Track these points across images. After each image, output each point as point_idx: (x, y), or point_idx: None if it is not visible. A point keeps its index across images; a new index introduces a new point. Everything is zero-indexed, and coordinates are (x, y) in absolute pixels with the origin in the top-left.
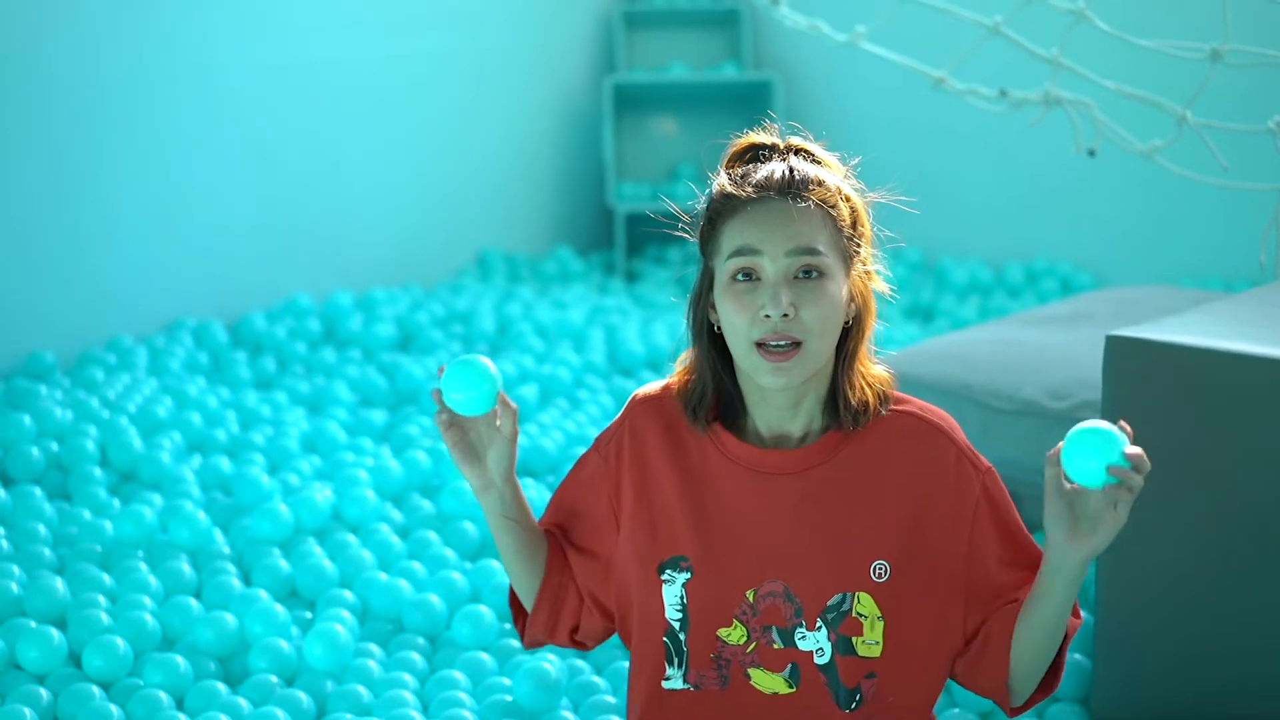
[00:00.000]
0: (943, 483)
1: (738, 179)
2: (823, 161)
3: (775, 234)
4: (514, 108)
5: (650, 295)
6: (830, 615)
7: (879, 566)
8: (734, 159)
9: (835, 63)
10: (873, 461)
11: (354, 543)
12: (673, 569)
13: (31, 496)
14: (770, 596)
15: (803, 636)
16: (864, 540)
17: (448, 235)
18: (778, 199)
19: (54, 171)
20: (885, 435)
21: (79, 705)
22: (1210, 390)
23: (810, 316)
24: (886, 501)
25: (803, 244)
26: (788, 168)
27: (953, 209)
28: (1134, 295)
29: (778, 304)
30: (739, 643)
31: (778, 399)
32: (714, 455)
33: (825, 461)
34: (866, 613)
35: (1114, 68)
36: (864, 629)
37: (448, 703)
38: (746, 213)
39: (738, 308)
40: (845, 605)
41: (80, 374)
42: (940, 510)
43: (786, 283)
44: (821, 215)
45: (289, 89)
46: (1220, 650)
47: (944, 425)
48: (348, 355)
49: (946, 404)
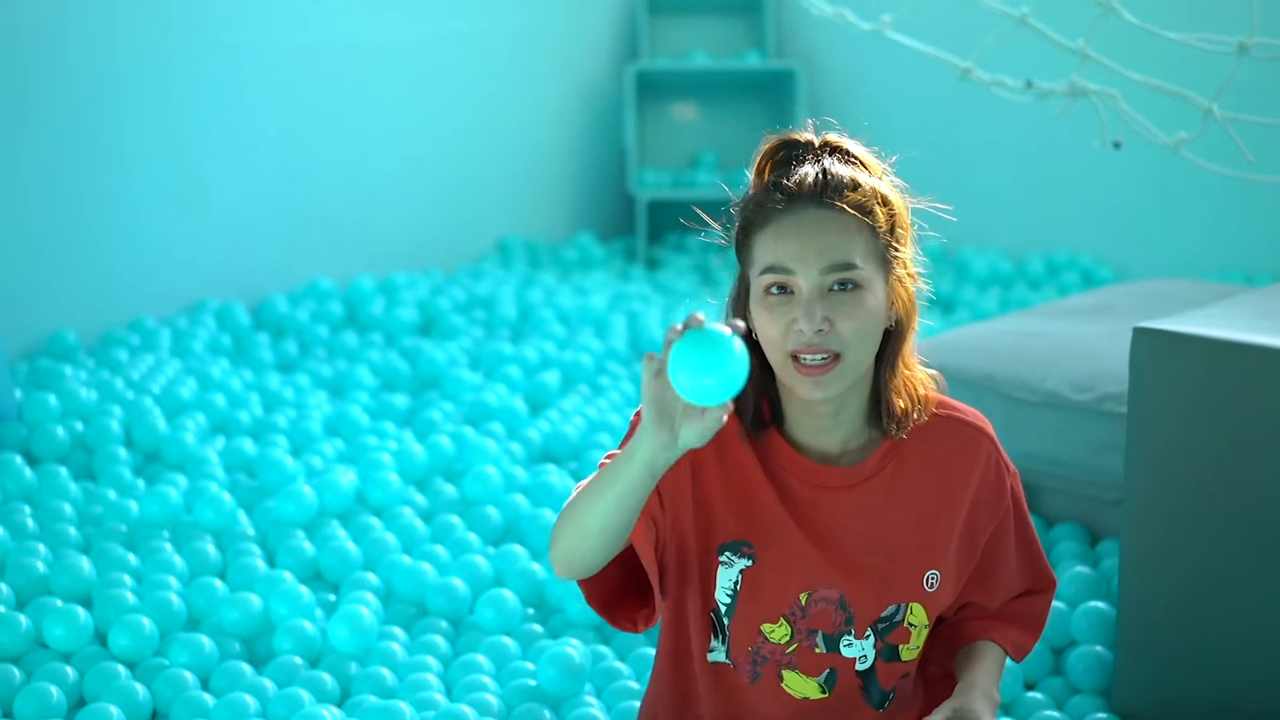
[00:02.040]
0: (986, 484)
1: (769, 186)
2: (860, 160)
3: (807, 250)
4: (537, 94)
5: (671, 282)
6: (882, 626)
7: (931, 576)
8: (767, 157)
9: (859, 52)
10: (924, 469)
11: (377, 526)
12: (733, 552)
13: (57, 476)
14: (823, 602)
15: (849, 644)
16: (918, 551)
17: (469, 220)
18: (810, 208)
19: (77, 152)
20: (932, 442)
21: (105, 684)
22: (1237, 383)
23: (847, 329)
24: (938, 509)
25: (837, 259)
26: (821, 170)
27: (975, 199)
28: (1157, 288)
29: (811, 320)
30: (780, 641)
31: (819, 409)
32: (778, 457)
33: (880, 472)
34: (916, 622)
35: (1140, 60)
36: (912, 637)
37: (471, 686)
38: (779, 224)
39: (771, 319)
40: (899, 616)
41: (104, 354)
42: (982, 510)
43: (821, 297)
44: (856, 223)
45: (313, 71)
46: (1243, 643)
47: (985, 428)
48: (369, 339)
49: (969, 395)
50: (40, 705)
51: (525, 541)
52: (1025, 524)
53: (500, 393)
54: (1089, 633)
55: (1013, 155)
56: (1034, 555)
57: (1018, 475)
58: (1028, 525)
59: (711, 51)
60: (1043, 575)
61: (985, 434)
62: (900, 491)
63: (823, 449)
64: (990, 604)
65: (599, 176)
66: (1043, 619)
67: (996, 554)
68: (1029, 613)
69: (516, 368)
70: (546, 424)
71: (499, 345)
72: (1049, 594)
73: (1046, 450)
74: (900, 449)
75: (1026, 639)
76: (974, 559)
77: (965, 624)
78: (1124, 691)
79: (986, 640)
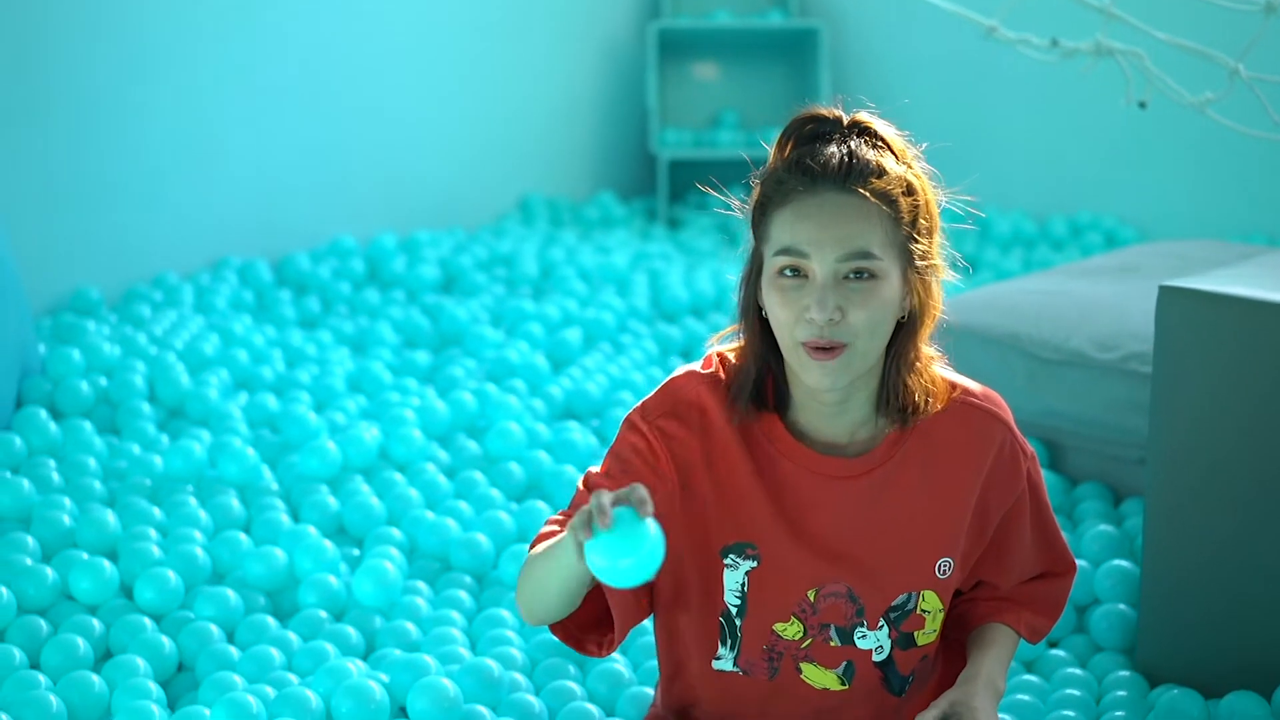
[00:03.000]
0: (998, 469)
1: (792, 164)
2: (888, 144)
3: (826, 235)
4: (559, 52)
5: (693, 241)
6: (894, 615)
7: (944, 564)
8: (792, 131)
9: (882, 11)
10: (934, 455)
11: (401, 481)
12: (737, 554)
13: (81, 430)
14: (832, 596)
15: (863, 636)
16: (929, 539)
17: (491, 179)
18: (832, 192)
19: (99, 108)
20: (944, 426)
21: (130, 636)
22: (1263, 342)
23: (858, 319)
24: (949, 496)
25: (854, 248)
26: (847, 153)
27: (998, 160)
28: (1182, 249)
29: (824, 309)
30: (794, 638)
31: (826, 397)
32: (776, 448)
33: (887, 462)
34: (930, 608)
35: (1166, 19)
36: (926, 623)
37: (495, 640)
38: (798, 206)
39: (783, 303)
40: (910, 604)
41: (127, 310)
42: (994, 494)
43: (835, 285)
44: (878, 212)
45: (335, 30)
46: (1266, 602)
47: (998, 410)
48: (391, 296)
49: (993, 354)
50: (67, 657)
51: (547, 498)
52: (1042, 507)
53: (522, 349)
54: (1112, 591)
55: (1037, 115)
56: (1052, 538)
57: (1036, 459)
58: (1045, 508)
59: (734, 10)
60: (1061, 559)
61: (999, 417)
62: (909, 480)
63: (829, 437)
64: (1002, 584)
65: (621, 135)
66: (1061, 602)
67: (1010, 535)
68: (1046, 596)
69: (538, 325)
70: (569, 381)
71: (520, 303)
72: (1068, 578)
73: (1070, 409)
74: (909, 437)
75: (1043, 622)
76: (984, 540)
77: (979, 604)
78: (1147, 649)
79: (999, 623)
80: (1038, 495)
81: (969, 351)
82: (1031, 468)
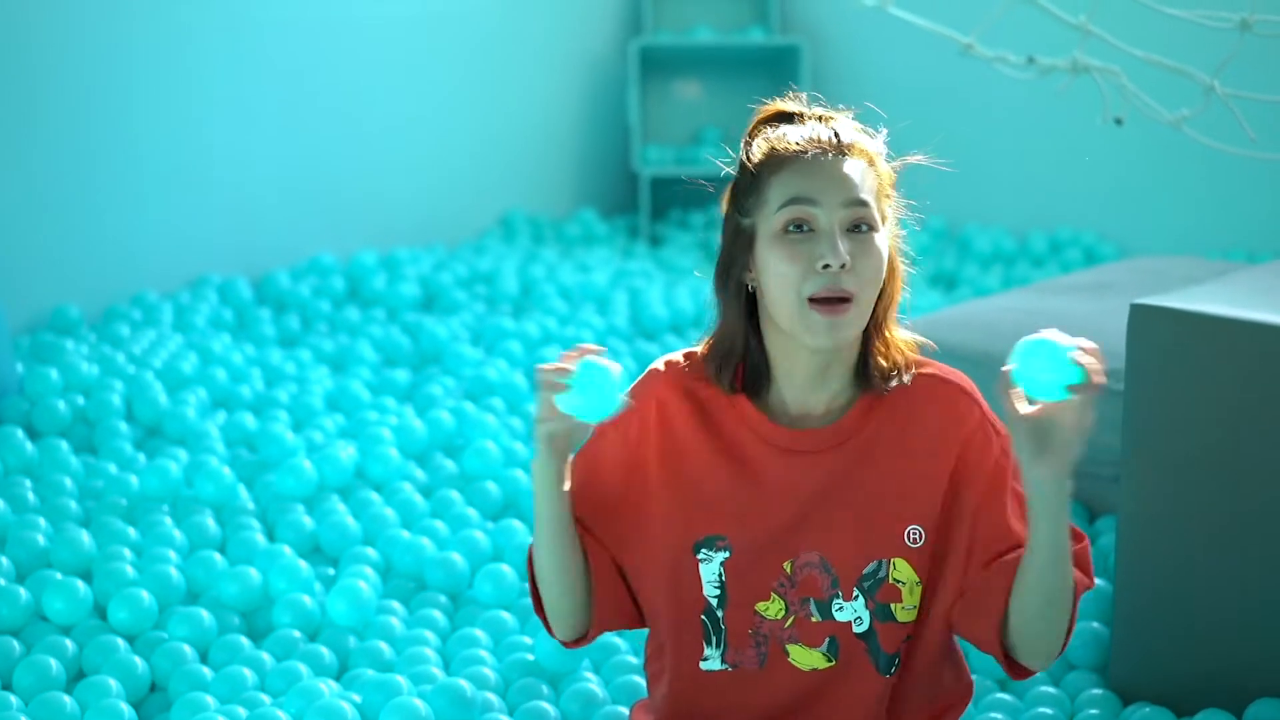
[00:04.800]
0: (969, 443)
1: (779, 136)
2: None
3: (830, 184)
4: (540, 69)
5: (674, 259)
6: (866, 584)
7: (913, 531)
8: (761, 125)
9: (862, 28)
10: (901, 427)
11: (377, 501)
12: (709, 548)
13: (58, 450)
14: (808, 567)
15: (840, 608)
16: (897, 506)
17: (472, 196)
18: (826, 151)
19: (81, 127)
20: (911, 400)
21: (104, 657)
22: (1234, 360)
23: (864, 268)
24: (917, 466)
25: (857, 194)
26: (833, 129)
27: (977, 176)
28: (1158, 265)
29: (837, 254)
30: (777, 617)
31: (810, 363)
32: (744, 430)
33: (857, 434)
34: (904, 579)
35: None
36: (903, 595)
37: (469, 660)
38: (797, 164)
39: (790, 257)
40: (881, 572)
41: (106, 329)
42: (966, 470)
43: (842, 234)
44: (867, 169)
45: (316, 47)
46: (1239, 620)
47: (967, 386)
48: (371, 314)
49: (969, 372)
50: (40, 677)
51: (524, 517)
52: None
53: (501, 368)
54: (1086, 609)
55: (1015, 132)
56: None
57: (1008, 439)
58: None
59: (715, 27)
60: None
61: (967, 392)
62: (877, 449)
63: (805, 409)
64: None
65: (602, 153)
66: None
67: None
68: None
69: (518, 343)
70: None
71: (500, 321)
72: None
73: None
74: (877, 407)
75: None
76: (964, 523)
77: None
78: (1120, 668)
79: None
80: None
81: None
82: (1006, 446)
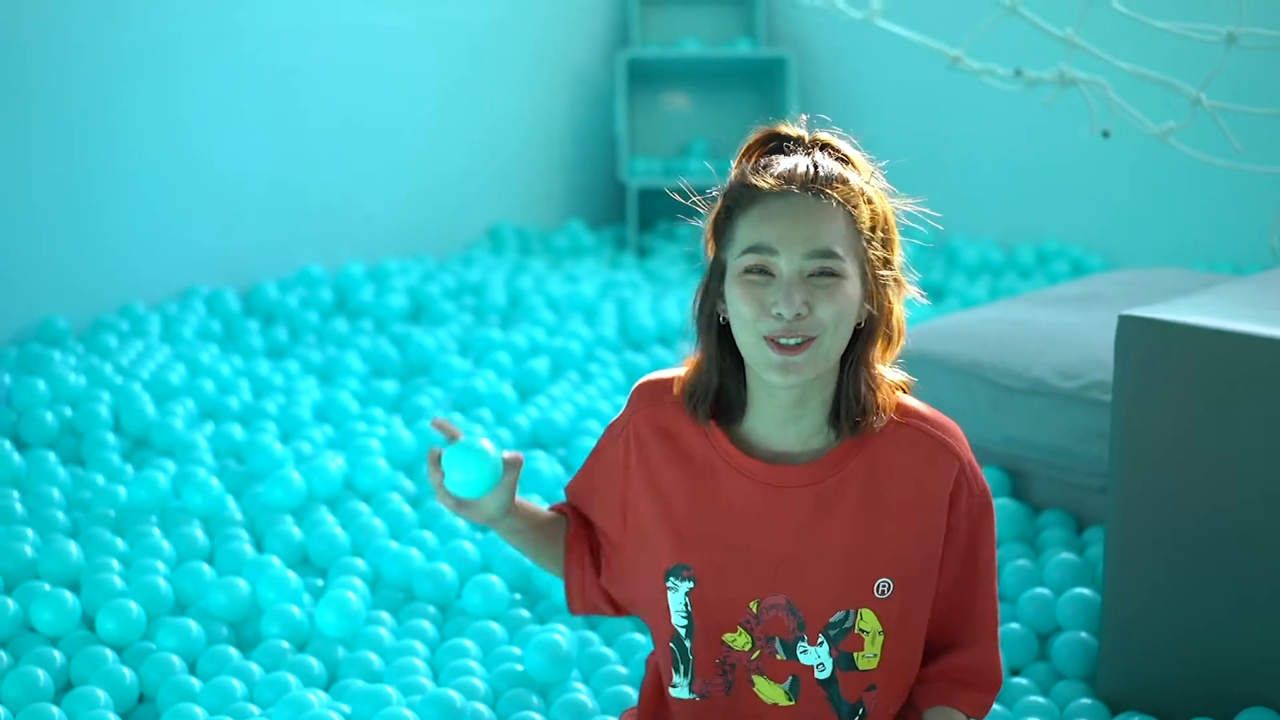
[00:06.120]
0: (947, 500)
1: (758, 169)
2: (849, 159)
3: (793, 234)
4: (527, 81)
5: (662, 270)
6: (833, 632)
7: (882, 584)
8: (755, 148)
9: (850, 40)
10: (879, 476)
11: (366, 511)
12: (675, 577)
13: (45, 461)
14: (774, 609)
15: (804, 650)
16: (868, 557)
17: (460, 207)
18: (798, 194)
19: (69, 138)
20: (891, 449)
21: (92, 668)
22: (1222, 371)
23: (825, 314)
24: (890, 517)
25: (821, 246)
26: (811, 162)
27: (964, 188)
28: (1145, 277)
29: (791, 304)
30: (744, 649)
31: (783, 398)
32: (719, 462)
33: (831, 475)
34: (869, 629)
35: (1129, 49)
36: (865, 644)
37: (458, 671)
38: (765, 207)
39: (747, 298)
40: (848, 623)
41: (94, 340)
42: (939, 525)
43: (800, 282)
44: (843, 215)
45: (305, 59)
46: (1227, 630)
47: (951, 442)
48: (359, 325)
49: (956, 382)
50: (28, 689)
51: None
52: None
53: (489, 379)
54: (1074, 619)
55: (1002, 144)
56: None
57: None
58: (986, 554)
59: (702, 39)
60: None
61: (949, 448)
62: (854, 495)
63: (780, 445)
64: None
65: (590, 164)
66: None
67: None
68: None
69: (506, 354)
70: (535, 410)
71: (488, 332)
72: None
73: (1033, 437)
74: (859, 452)
75: (986, 697)
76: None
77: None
78: (1108, 677)
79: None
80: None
81: (932, 379)
82: (984, 504)
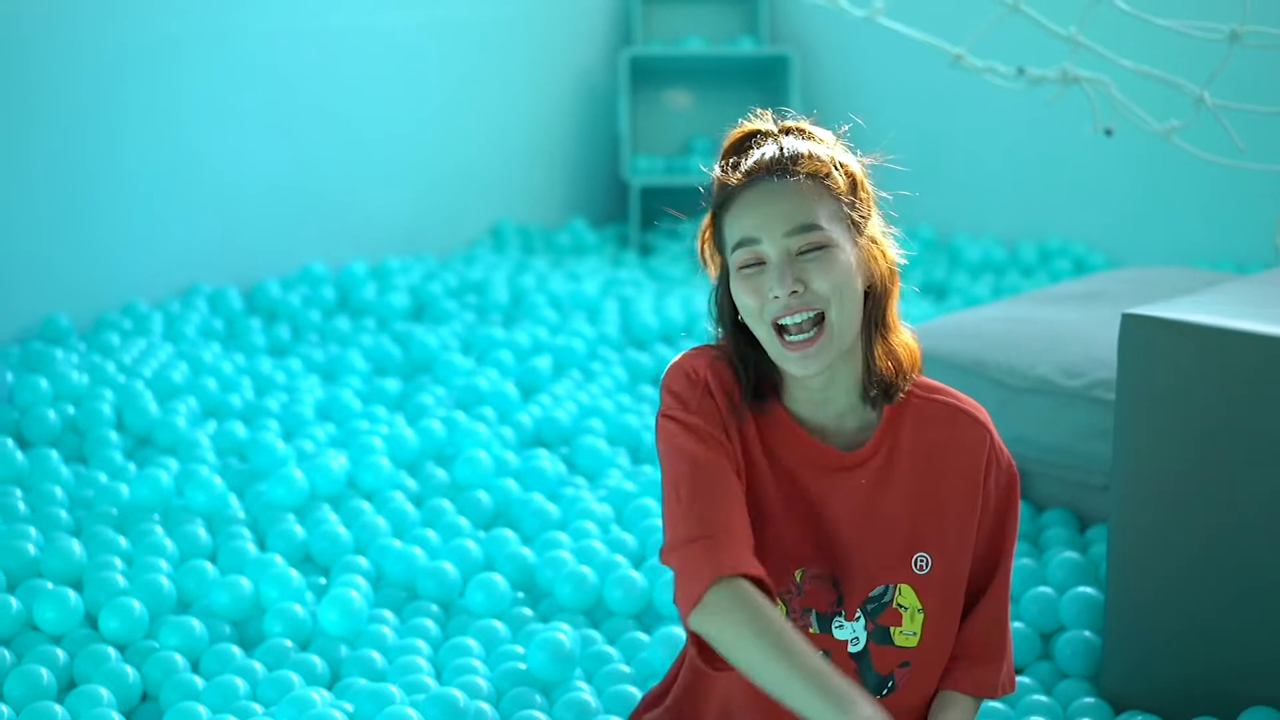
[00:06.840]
0: (982, 473)
1: (729, 167)
2: (813, 136)
3: (770, 218)
4: (530, 79)
5: (664, 268)
6: (870, 606)
7: (920, 559)
8: (729, 150)
9: (852, 38)
10: (918, 453)
11: (368, 510)
12: None
13: (48, 459)
14: (816, 580)
15: (840, 626)
16: (908, 532)
17: (462, 206)
18: (768, 179)
19: (71, 137)
20: (929, 426)
21: (95, 666)
22: (1225, 370)
23: (822, 285)
24: (930, 493)
25: (800, 221)
26: (777, 147)
27: (967, 186)
28: (1148, 275)
29: (783, 283)
30: None
31: (812, 382)
32: (784, 435)
33: (875, 455)
34: (907, 604)
35: (1132, 47)
36: (903, 620)
37: (461, 670)
38: (741, 200)
39: (747, 292)
40: (887, 597)
41: (96, 338)
42: (974, 499)
43: (789, 261)
44: (816, 187)
45: (307, 57)
46: (1230, 629)
47: (981, 417)
48: (362, 324)
49: (960, 381)
50: (30, 687)
51: (515, 526)
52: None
53: (492, 377)
54: (1077, 618)
55: (1005, 142)
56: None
57: (1014, 470)
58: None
59: (705, 37)
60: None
61: (982, 423)
62: (894, 474)
63: (819, 423)
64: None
65: (592, 162)
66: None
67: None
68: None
69: (508, 352)
70: (538, 409)
71: (491, 330)
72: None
73: (1036, 436)
74: (896, 431)
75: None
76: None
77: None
78: (1112, 676)
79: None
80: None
81: (936, 378)
82: (1011, 480)
